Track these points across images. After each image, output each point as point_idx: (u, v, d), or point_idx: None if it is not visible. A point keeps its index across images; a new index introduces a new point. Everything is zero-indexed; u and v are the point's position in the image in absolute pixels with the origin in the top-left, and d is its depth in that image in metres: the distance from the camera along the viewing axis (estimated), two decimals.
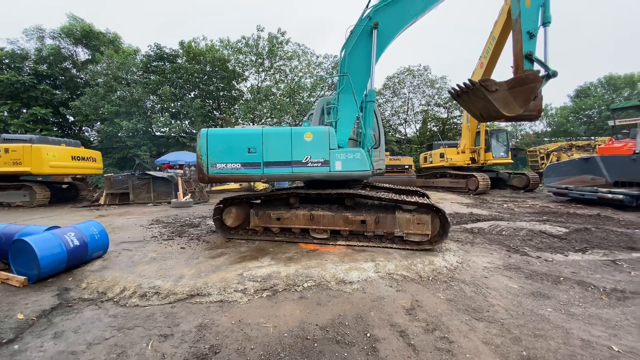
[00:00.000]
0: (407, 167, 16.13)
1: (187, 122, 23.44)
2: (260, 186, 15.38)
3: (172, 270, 4.03)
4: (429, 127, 30.76)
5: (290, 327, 2.66)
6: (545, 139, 29.29)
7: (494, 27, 11.03)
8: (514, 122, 28.29)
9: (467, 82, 4.83)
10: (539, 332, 2.58)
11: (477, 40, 12.27)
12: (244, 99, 25.64)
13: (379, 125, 6.28)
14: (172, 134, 21.67)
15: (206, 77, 23.83)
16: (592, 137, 24.67)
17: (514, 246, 5.17)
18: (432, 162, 18.21)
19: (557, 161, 16.51)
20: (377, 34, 5.15)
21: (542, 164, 19.43)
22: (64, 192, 13.99)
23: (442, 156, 16.93)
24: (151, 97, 22.70)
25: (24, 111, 21.67)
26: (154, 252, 4.94)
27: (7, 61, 22.42)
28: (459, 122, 27.47)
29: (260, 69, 25.59)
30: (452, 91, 5.28)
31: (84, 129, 26.18)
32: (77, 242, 4.08)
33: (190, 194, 12.24)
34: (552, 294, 3.33)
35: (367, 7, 5.28)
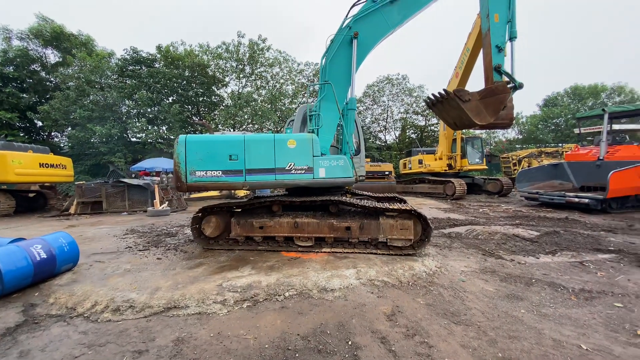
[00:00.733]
0: (387, 173, 16.38)
1: (164, 127, 22.84)
2: (241, 193, 15.17)
3: (147, 282, 3.88)
4: (407, 134, 31.50)
5: (271, 338, 2.62)
6: (517, 146, 30.64)
7: (467, 39, 11.54)
8: (487, 130, 29.47)
9: (442, 92, 5.01)
10: (513, 333, 2.67)
11: (455, 49, 12.76)
12: (224, 104, 25.35)
13: (359, 132, 6.37)
14: (149, 140, 21.02)
15: (185, 82, 23.39)
16: (560, 144, 26.11)
17: (490, 250, 5.35)
18: (411, 169, 18.61)
19: (529, 167, 17.32)
20: (357, 43, 5.26)
21: (515, 169, 20.30)
22: (31, 201, 13.21)
23: (420, 162, 17.35)
24: (127, 101, 21.96)
25: None
26: (129, 263, 4.75)
27: None
28: (436, 129, 28.29)
29: (241, 75, 25.44)
30: (428, 100, 5.46)
31: (53, 134, 24.93)
32: (44, 255, 3.86)
33: (167, 202, 11.88)
34: (525, 295, 3.47)
35: (347, 16, 5.39)
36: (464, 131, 16.23)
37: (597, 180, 10.11)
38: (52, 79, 23.75)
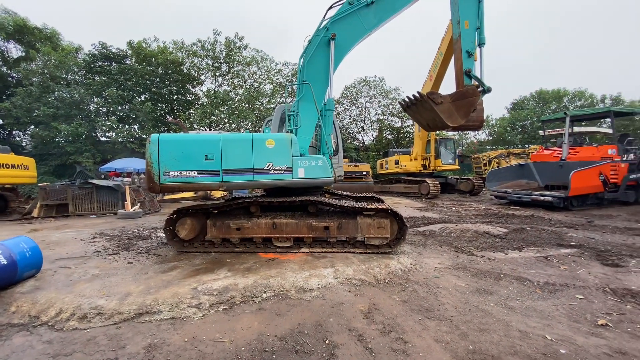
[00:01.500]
0: (365, 173, 16.59)
1: (136, 126, 21.92)
2: (217, 194, 14.85)
3: (117, 287, 3.72)
4: (384, 135, 32.06)
5: (247, 341, 2.59)
6: (487, 147, 32.00)
7: (441, 43, 11.91)
8: (460, 132, 30.57)
9: (416, 95, 5.15)
10: (483, 326, 2.79)
11: (430, 52, 13.14)
12: (199, 103, 24.70)
13: (337, 133, 6.43)
14: (120, 140, 20.07)
15: (158, 79, 22.60)
16: (527, 146, 27.51)
17: (462, 247, 5.56)
18: (387, 169, 18.97)
19: (498, 167, 18.15)
20: (334, 44, 5.31)
21: (485, 169, 21.24)
22: None
23: (396, 163, 17.73)
24: (95, 99, 20.89)
25: None
26: (97, 268, 4.53)
27: None
28: (411, 131, 28.99)
29: (217, 73, 24.88)
30: (403, 103, 5.59)
31: (14, 133, 23.35)
32: (4, 261, 3.61)
33: (139, 204, 11.43)
34: (494, 290, 3.63)
35: (324, 18, 5.42)
36: (437, 133, 16.75)
37: (560, 179, 10.74)
38: (14, 75, 22.23)
